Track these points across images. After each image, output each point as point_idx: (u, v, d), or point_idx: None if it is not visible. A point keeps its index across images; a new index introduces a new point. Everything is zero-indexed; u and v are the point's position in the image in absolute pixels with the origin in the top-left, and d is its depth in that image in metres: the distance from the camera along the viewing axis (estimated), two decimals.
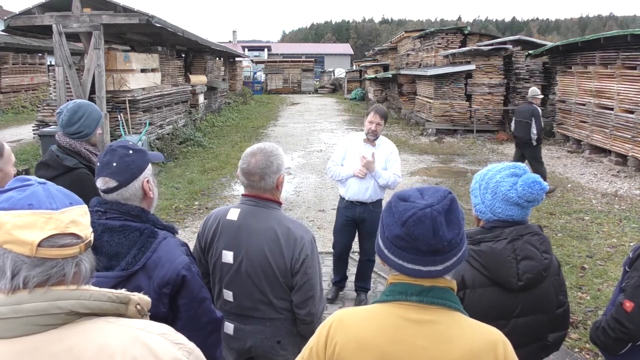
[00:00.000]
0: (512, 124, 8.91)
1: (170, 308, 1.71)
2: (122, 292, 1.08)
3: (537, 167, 8.35)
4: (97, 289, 1.06)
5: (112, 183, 1.75)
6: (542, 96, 8.92)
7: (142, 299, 1.11)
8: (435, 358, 1.24)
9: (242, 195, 2.27)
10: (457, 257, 1.29)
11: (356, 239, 4.71)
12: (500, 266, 1.82)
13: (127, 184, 1.76)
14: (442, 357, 1.24)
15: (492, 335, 1.30)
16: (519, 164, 1.95)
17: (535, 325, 1.89)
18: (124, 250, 1.68)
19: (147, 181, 1.82)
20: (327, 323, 1.36)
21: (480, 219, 1.96)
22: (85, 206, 1.10)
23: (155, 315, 1.65)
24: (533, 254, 1.84)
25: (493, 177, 1.90)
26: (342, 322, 1.33)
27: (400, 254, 1.27)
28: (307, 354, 1.37)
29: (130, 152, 1.80)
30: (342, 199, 4.55)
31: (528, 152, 8.56)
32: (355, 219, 4.49)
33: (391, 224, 1.29)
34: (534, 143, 8.38)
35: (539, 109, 8.59)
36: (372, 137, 4.34)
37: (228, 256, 2.21)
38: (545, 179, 8.56)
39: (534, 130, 8.28)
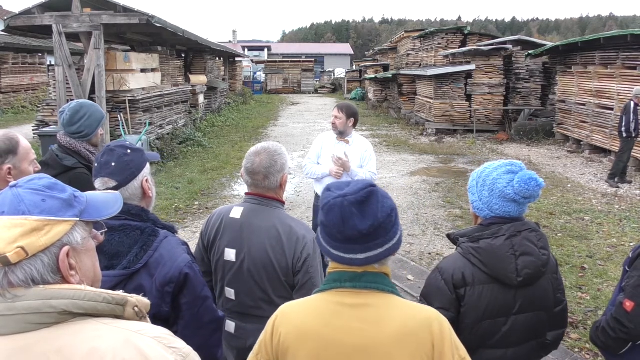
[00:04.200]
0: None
1: (172, 307, 1.70)
2: (119, 293, 1.07)
3: (618, 158, 9.36)
4: (93, 289, 1.04)
5: (112, 183, 1.74)
6: None
7: (140, 300, 1.09)
8: (370, 338, 1.31)
9: (246, 193, 2.28)
10: (384, 249, 1.33)
11: None
12: (500, 262, 1.84)
13: (126, 183, 1.76)
14: (376, 336, 1.30)
15: (426, 314, 1.36)
16: (515, 161, 1.97)
17: (534, 322, 1.91)
18: (125, 249, 1.67)
19: (146, 180, 1.82)
20: (273, 317, 1.45)
21: (477, 216, 1.99)
22: (20, 219, 0.99)
23: (158, 314, 1.64)
24: (531, 250, 1.86)
25: (490, 175, 1.93)
26: (285, 314, 1.43)
27: (327, 241, 1.36)
28: (257, 348, 1.45)
29: (129, 151, 1.80)
30: (319, 197, 4.49)
31: (621, 143, 9.32)
32: None
33: (319, 212, 1.39)
34: (624, 134, 9.17)
35: (632, 104, 9.13)
36: (334, 132, 4.36)
37: (230, 254, 2.21)
38: (616, 173, 8.99)
39: (623, 122, 9.14)
